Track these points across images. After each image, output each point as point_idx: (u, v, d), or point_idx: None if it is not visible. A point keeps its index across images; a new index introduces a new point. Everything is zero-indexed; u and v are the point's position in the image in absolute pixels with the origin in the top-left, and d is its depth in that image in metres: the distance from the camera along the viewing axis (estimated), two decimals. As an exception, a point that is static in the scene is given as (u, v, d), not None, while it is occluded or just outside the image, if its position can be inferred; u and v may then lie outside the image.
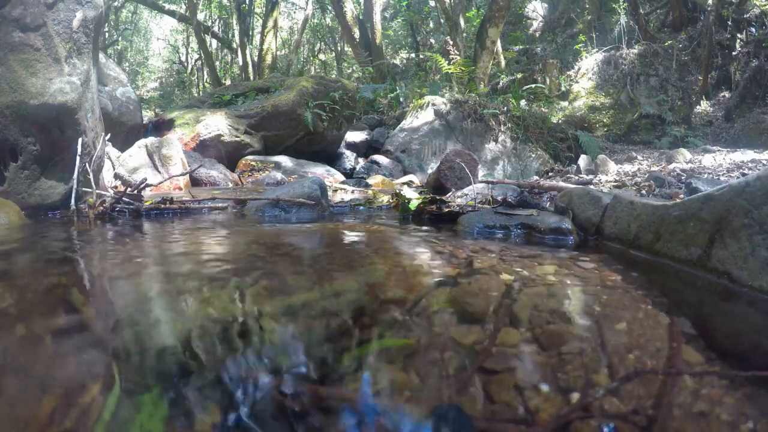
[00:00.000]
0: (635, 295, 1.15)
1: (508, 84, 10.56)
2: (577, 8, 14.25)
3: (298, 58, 19.72)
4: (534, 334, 0.93)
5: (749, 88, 9.16)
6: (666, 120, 9.27)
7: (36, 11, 2.64)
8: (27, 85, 2.61)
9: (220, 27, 19.35)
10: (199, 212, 2.86)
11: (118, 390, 0.74)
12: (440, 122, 8.04)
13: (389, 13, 18.88)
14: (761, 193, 1.14)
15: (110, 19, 18.49)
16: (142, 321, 1.07)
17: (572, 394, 0.72)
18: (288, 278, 1.37)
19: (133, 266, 1.55)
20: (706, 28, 10.02)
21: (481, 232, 2.02)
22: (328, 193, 3.27)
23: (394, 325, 1.00)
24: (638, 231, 1.61)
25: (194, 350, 0.89)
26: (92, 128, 3.01)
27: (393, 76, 12.96)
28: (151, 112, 13.67)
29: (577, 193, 2.11)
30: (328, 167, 6.54)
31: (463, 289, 1.22)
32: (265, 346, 0.92)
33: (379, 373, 0.81)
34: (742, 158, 5.92)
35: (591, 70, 10.98)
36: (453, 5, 12.16)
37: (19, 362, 0.84)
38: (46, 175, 2.77)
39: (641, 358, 0.83)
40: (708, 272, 1.26)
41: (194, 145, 6.18)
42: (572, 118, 9.30)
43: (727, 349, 0.92)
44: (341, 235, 2.14)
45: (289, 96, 7.06)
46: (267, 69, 14.50)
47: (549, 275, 1.32)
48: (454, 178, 3.75)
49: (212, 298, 1.18)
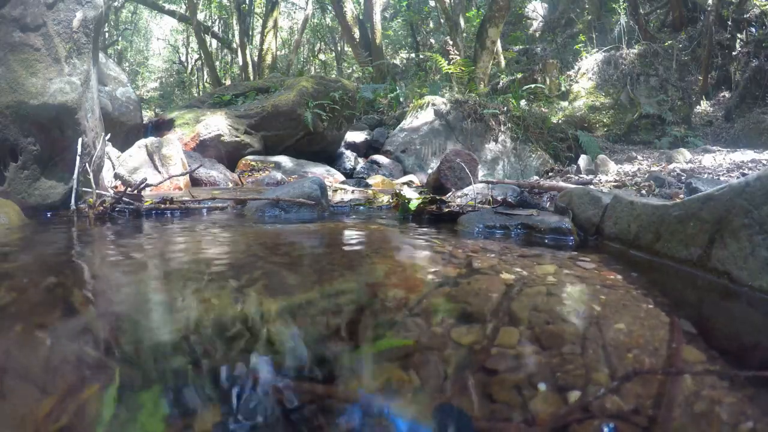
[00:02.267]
0: (635, 295, 1.15)
1: (508, 84, 10.56)
2: (577, 8, 14.25)
3: (298, 58, 19.72)
4: (534, 333, 0.93)
5: (749, 88, 9.16)
6: (666, 120, 9.27)
7: (36, 11, 2.64)
8: (27, 85, 2.61)
9: (220, 27, 19.35)
10: (199, 212, 2.86)
11: (117, 389, 0.74)
12: (440, 122, 8.04)
13: (389, 13, 18.88)
14: (761, 193, 1.14)
15: (110, 19, 18.50)
16: (142, 321, 1.07)
17: (572, 393, 0.72)
18: (288, 278, 1.37)
19: (133, 266, 1.55)
20: (706, 28, 10.02)
21: (481, 232, 2.02)
22: (328, 193, 3.27)
23: (394, 324, 1.00)
24: (638, 231, 1.61)
25: (194, 350, 0.89)
26: (92, 128, 3.01)
27: (393, 76, 12.96)
28: (151, 112, 13.68)
29: (577, 193, 2.11)
30: (328, 167, 6.53)
31: (463, 289, 1.22)
32: (264, 346, 0.92)
33: (379, 372, 0.81)
34: (742, 158, 5.92)
35: (591, 70, 10.98)
36: (453, 5, 12.16)
37: (19, 362, 0.84)
38: (46, 175, 2.77)
39: (641, 357, 0.83)
40: (708, 272, 1.26)
41: (194, 145, 6.18)
42: (572, 118, 9.30)
43: (727, 349, 0.92)
44: (341, 235, 2.14)
45: (289, 96, 7.06)
46: (267, 69, 14.50)
47: (549, 275, 1.32)
48: (454, 178, 3.75)
49: (212, 297, 1.18)
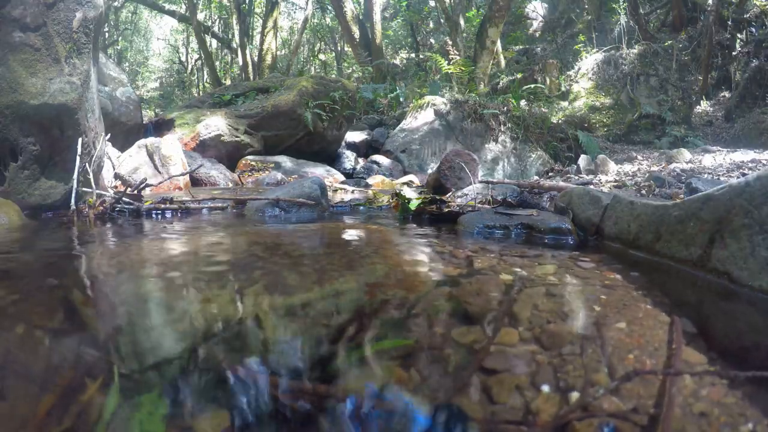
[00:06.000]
0: (635, 295, 1.15)
1: (508, 84, 10.56)
2: (577, 8, 14.24)
3: (298, 58, 19.72)
4: (534, 333, 0.93)
5: (749, 88, 9.16)
6: (666, 120, 9.27)
7: (36, 11, 2.64)
8: (27, 85, 2.61)
9: (220, 27, 19.35)
10: (199, 212, 2.86)
11: (117, 389, 0.74)
12: (440, 122, 8.04)
13: (389, 13, 18.87)
14: (761, 193, 1.14)
15: (110, 19, 18.49)
16: (142, 321, 1.07)
17: (572, 393, 0.72)
18: (288, 278, 1.37)
19: (133, 266, 1.55)
20: (706, 28, 10.02)
21: (481, 232, 2.02)
22: (328, 193, 3.27)
23: (394, 324, 1.00)
24: (638, 231, 1.61)
25: (194, 349, 0.89)
26: (92, 128, 3.01)
27: (393, 76, 12.95)
28: (151, 112, 13.68)
29: (577, 193, 2.11)
30: (328, 167, 6.53)
31: (463, 289, 1.22)
32: (264, 346, 0.92)
33: (379, 372, 0.81)
34: (742, 158, 5.91)
35: (591, 70, 10.98)
36: (453, 5, 12.16)
37: (19, 362, 0.84)
38: (46, 175, 2.77)
39: (641, 357, 0.83)
40: (708, 272, 1.26)
41: (194, 145, 6.18)
42: (572, 118, 9.30)
43: (727, 349, 0.92)
44: (341, 235, 2.14)
45: (289, 96, 7.06)
46: (267, 69, 14.50)
47: (549, 275, 1.32)
48: (454, 178, 3.75)
49: (212, 298, 1.18)
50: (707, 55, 9.89)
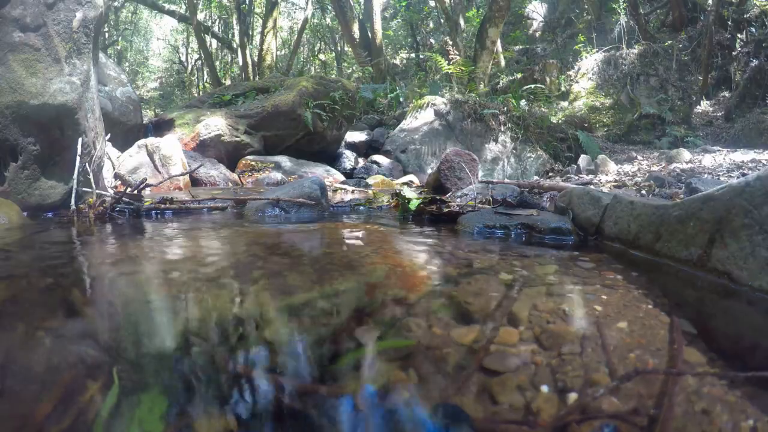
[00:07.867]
0: (635, 295, 1.15)
1: (508, 84, 10.56)
2: (577, 8, 14.24)
3: (298, 58, 19.72)
4: (534, 333, 0.93)
5: (749, 88, 9.15)
6: (666, 120, 9.27)
7: (36, 11, 2.64)
8: (27, 85, 2.61)
9: (220, 27, 19.34)
10: (199, 212, 2.86)
11: (116, 389, 0.74)
12: (440, 122, 8.04)
13: (389, 13, 18.87)
14: (761, 193, 1.14)
15: (110, 19, 18.50)
16: (142, 320, 1.07)
17: (572, 394, 0.72)
18: (288, 278, 1.37)
19: (133, 266, 1.55)
20: (706, 28, 10.02)
21: (481, 232, 2.02)
22: (328, 193, 3.27)
23: (394, 324, 1.00)
24: (638, 231, 1.61)
25: (194, 349, 0.89)
26: (92, 128, 3.01)
27: (393, 76, 12.95)
28: (151, 112, 13.68)
29: (577, 193, 2.11)
30: (327, 167, 6.53)
31: (463, 289, 1.22)
32: (264, 346, 0.92)
33: (379, 372, 0.81)
34: (742, 158, 5.91)
35: (591, 70, 10.97)
36: (453, 5, 12.16)
37: (19, 362, 0.84)
38: (46, 175, 2.77)
39: (641, 357, 0.83)
40: (708, 272, 1.26)
41: (194, 145, 6.18)
42: (572, 118, 9.29)
43: (727, 349, 0.92)
44: (341, 235, 2.14)
45: (289, 96, 7.06)
46: (267, 69, 14.50)
47: (549, 275, 1.32)
48: (454, 178, 3.75)
49: (212, 297, 1.18)
50: (707, 55, 9.89)
